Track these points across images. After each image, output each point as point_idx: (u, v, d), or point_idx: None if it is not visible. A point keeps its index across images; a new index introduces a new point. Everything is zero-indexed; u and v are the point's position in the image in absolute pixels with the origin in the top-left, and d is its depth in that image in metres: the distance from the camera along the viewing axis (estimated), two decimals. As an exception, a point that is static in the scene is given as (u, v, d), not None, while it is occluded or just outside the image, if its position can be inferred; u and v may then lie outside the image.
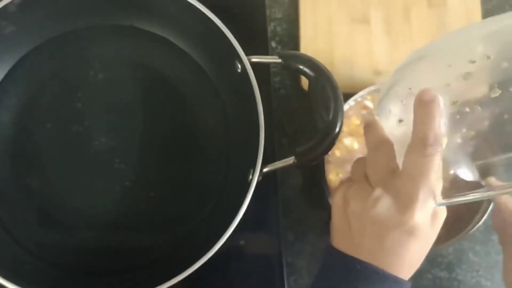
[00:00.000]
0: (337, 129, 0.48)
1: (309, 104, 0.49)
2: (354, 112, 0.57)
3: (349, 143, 0.56)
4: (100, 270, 0.51)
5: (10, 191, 0.52)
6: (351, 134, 0.57)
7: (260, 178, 0.47)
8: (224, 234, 0.46)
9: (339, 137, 0.47)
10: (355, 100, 0.56)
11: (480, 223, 0.54)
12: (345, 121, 0.48)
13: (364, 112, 0.57)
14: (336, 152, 0.56)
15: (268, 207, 0.55)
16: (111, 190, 0.53)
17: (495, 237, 0.59)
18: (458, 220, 0.55)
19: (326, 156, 0.54)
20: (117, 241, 0.53)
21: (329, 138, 0.47)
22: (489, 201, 0.54)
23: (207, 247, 0.46)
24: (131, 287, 0.46)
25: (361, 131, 0.52)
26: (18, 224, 0.52)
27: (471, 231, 0.54)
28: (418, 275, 0.57)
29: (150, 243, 0.53)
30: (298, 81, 0.61)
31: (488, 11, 0.65)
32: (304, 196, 0.58)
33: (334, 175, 0.56)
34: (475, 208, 0.55)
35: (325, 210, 0.56)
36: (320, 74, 0.49)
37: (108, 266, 0.52)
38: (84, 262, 0.52)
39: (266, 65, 0.59)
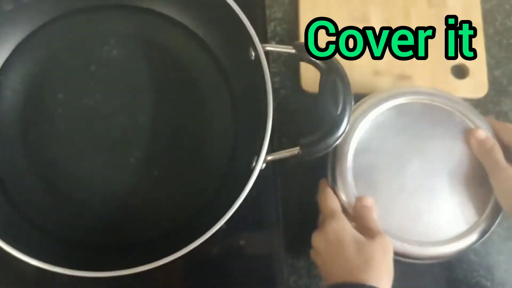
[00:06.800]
0: (345, 123, 0.47)
1: (318, 97, 0.48)
2: None
3: None
4: (101, 244, 0.52)
5: (18, 161, 0.53)
6: None
7: (264, 165, 0.47)
8: (225, 216, 0.46)
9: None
10: None
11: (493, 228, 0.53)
12: None
13: None
14: None
15: (268, 207, 0.55)
16: (115, 165, 0.54)
17: (495, 237, 0.59)
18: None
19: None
20: (119, 216, 0.53)
21: (335, 131, 0.47)
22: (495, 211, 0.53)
23: (208, 227, 0.46)
24: (129, 263, 0.45)
25: None
26: (26, 196, 0.52)
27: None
28: (418, 275, 0.57)
29: (152, 221, 0.53)
30: (298, 81, 0.61)
31: (488, 11, 0.65)
32: (305, 196, 0.58)
33: None
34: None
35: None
36: (332, 68, 0.49)
37: (108, 241, 0.52)
38: (84, 236, 0.52)
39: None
